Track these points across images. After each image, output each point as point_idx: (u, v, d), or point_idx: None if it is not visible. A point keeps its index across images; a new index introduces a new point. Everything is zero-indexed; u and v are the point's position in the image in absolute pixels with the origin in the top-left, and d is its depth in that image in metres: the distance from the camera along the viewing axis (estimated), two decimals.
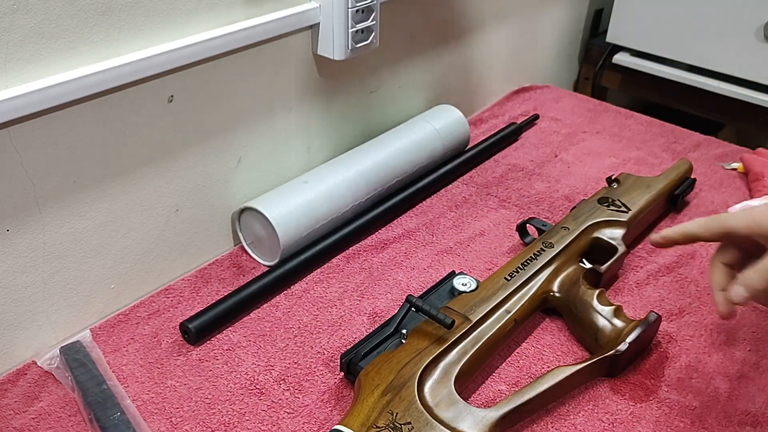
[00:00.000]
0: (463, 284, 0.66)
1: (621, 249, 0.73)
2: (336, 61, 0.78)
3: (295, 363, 0.64)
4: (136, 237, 0.69)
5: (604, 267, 0.70)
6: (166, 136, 0.67)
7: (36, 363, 0.63)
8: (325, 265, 0.77)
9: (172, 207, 0.71)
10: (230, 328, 0.68)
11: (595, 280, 0.70)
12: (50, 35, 0.55)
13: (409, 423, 0.52)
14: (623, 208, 0.78)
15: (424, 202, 0.89)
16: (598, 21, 1.40)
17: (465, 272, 0.70)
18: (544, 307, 0.69)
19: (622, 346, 0.60)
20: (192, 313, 0.67)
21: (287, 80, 0.78)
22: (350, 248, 0.80)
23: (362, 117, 0.92)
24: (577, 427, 0.58)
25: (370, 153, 0.85)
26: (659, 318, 0.64)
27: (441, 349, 0.58)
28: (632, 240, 0.80)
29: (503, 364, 0.65)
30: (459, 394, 0.56)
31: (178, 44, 0.63)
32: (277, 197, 0.76)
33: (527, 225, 0.79)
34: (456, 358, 0.59)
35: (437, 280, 0.70)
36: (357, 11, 0.74)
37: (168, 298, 0.71)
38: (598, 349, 0.63)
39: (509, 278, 0.67)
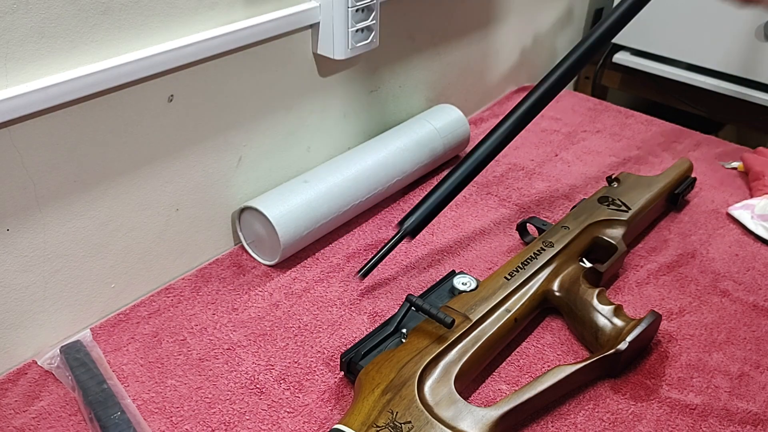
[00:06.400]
0: (463, 283, 0.66)
1: (621, 248, 0.73)
2: (336, 60, 0.78)
3: (295, 362, 0.64)
4: (136, 236, 0.69)
5: (604, 266, 0.70)
6: (167, 135, 0.67)
7: (36, 362, 0.63)
8: (326, 264, 0.77)
9: (172, 206, 0.71)
10: (230, 328, 0.68)
11: (596, 279, 0.70)
12: (50, 35, 0.55)
13: (409, 422, 0.52)
14: (623, 208, 0.78)
15: None
16: (598, 20, 1.40)
17: (465, 271, 0.70)
18: (544, 306, 0.69)
19: (623, 345, 0.60)
20: (192, 313, 0.67)
21: (287, 80, 0.78)
22: (350, 247, 0.80)
23: (362, 116, 0.92)
24: (577, 426, 0.58)
25: (370, 152, 0.85)
26: (659, 317, 0.64)
27: (441, 348, 0.58)
28: (632, 239, 0.80)
29: (503, 363, 0.65)
30: (459, 394, 0.56)
31: (179, 43, 0.63)
32: (278, 196, 0.76)
33: (527, 224, 0.79)
34: (456, 357, 0.59)
35: (437, 280, 0.70)
36: (357, 11, 0.74)
37: (168, 297, 0.72)
38: (599, 348, 0.63)
39: (509, 277, 0.67)
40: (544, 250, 0.71)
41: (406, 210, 0.86)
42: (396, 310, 0.63)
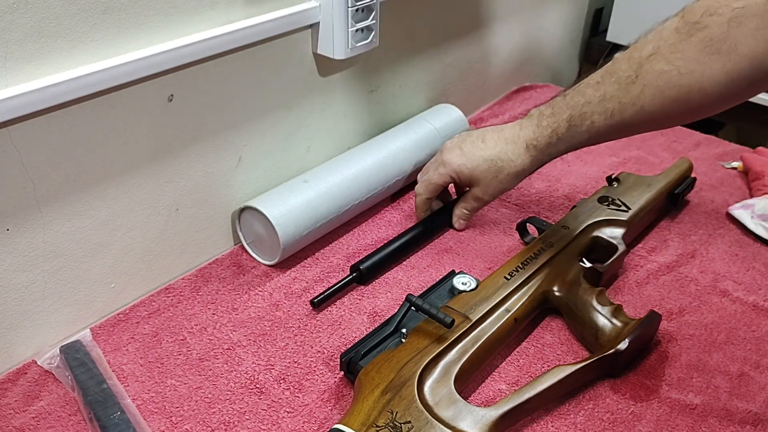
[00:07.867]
0: (463, 283, 0.66)
1: (621, 248, 0.73)
2: (336, 60, 0.78)
3: (295, 362, 0.64)
4: (136, 236, 0.69)
5: (604, 266, 0.70)
6: (166, 135, 0.67)
7: (36, 362, 0.63)
8: (326, 264, 0.77)
9: (172, 206, 0.71)
10: (230, 328, 0.68)
11: (595, 279, 0.70)
12: (50, 34, 0.55)
13: (409, 422, 0.52)
14: (623, 207, 0.78)
15: None
16: (598, 20, 1.40)
17: (465, 271, 0.70)
18: (544, 306, 0.69)
19: (623, 345, 0.60)
20: (192, 313, 0.67)
21: (287, 79, 0.78)
22: (350, 247, 0.80)
23: (362, 116, 0.92)
24: (577, 426, 0.58)
25: (370, 152, 0.85)
26: (659, 317, 0.64)
27: (441, 348, 0.58)
28: (632, 239, 0.80)
29: (503, 363, 0.65)
30: (459, 393, 0.56)
31: (178, 43, 0.63)
32: (277, 196, 0.76)
33: (527, 224, 0.79)
34: (456, 357, 0.59)
35: (437, 279, 0.70)
36: (357, 10, 0.74)
37: (168, 297, 0.71)
38: (599, 348, 0.63)
39: (509, 277, 0.67)
40: (544, 250, 0.71)
41: (406, 210, 0.87)
42: (396, 310, 0.63)
